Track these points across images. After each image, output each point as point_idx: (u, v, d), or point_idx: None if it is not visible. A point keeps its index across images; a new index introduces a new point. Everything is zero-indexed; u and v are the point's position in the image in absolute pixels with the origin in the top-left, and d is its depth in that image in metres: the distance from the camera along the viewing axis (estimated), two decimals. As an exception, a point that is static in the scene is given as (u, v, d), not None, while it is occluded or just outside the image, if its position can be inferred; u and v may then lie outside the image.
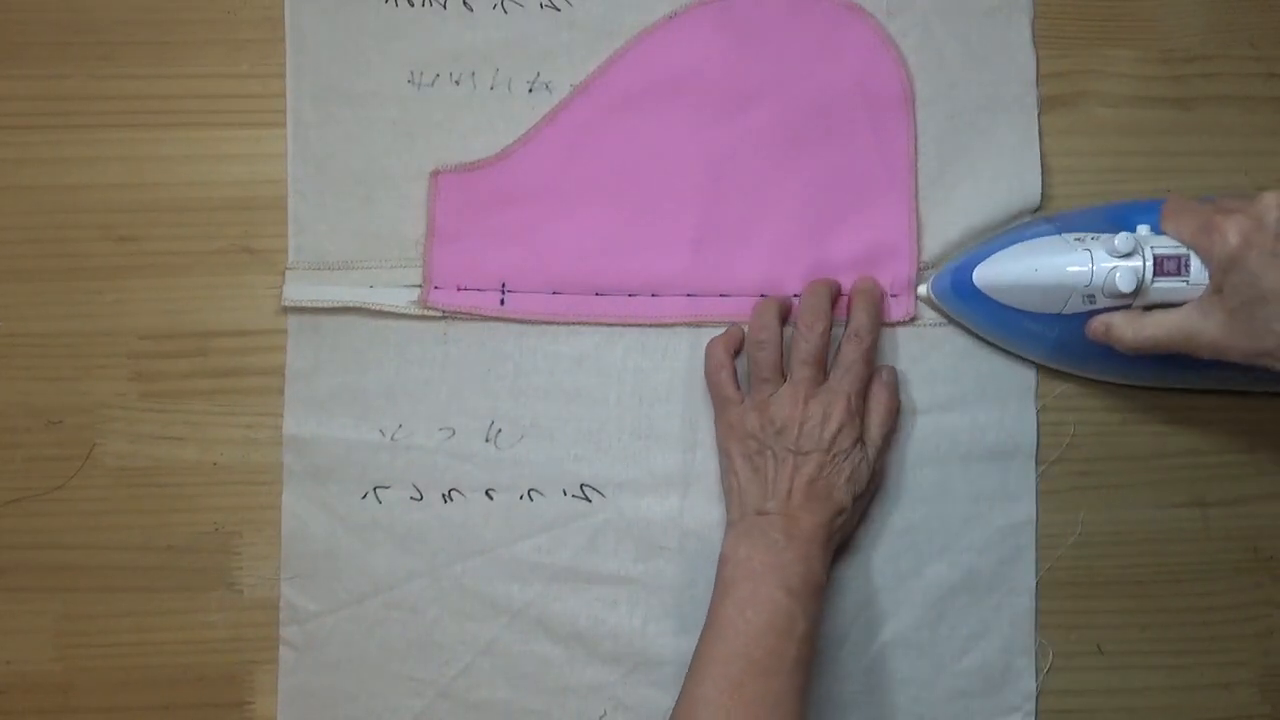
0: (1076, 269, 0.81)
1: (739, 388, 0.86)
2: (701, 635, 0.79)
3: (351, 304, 0.87)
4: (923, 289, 0.88)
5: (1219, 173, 0.90)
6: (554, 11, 0.88)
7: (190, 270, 0.87)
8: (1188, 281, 0.78)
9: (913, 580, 0.88)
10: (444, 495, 0.87)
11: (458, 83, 0.88)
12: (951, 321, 0.88)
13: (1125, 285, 0.79)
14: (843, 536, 0.86)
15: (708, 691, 0.76)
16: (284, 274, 0.87)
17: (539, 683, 0.87)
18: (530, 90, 0.88)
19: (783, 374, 0.85)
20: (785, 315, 0.87)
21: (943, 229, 0.88)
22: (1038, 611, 0.89)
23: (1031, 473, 0.89)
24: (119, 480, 0.87)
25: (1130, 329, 0.79)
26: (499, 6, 0.88)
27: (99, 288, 0.87)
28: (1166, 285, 0.79)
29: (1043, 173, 0.89)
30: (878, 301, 0.87)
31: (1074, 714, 0.90)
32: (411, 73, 0.88)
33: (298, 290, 0.87)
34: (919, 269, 0.88)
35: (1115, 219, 0.82)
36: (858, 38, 0.88)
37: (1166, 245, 0.79)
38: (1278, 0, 0.91)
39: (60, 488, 0.87)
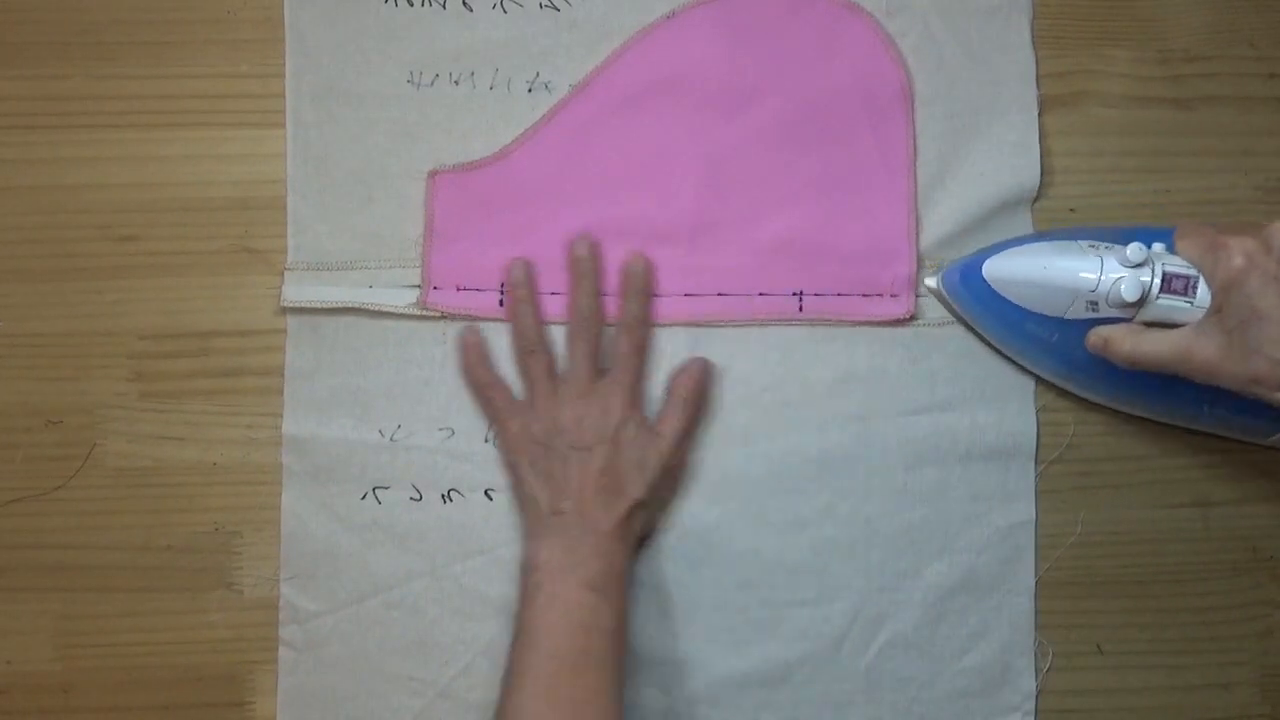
0: (1085, 273, 0.81)
1: (512, 397, 0.86)
2: (511, 645, 0.79)
3: (351, 304, 0.87)
4: (933, 281, 0.88)
5: (1218, 173, 0.90)
6: (553, 11, 0.88)
7: (190, 270, 0.87)
8: (1192, 303, 0.79)
9: (912, 580, 0.88)
10: (443, 495, 0.87)
11: (457, 83, 0.88)
12: (957, 319, 0.88)
13: (1130, 294, 0.79)
14: (646, 527, 0.86)
15: (522, 700, 0.76)
16: (284, 274, 0.87)
17: (538, 683, 0.87)
18: (529, 90, 0.88)
19: (555, 375, 0.86)
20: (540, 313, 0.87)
21: (941, 229, 0.88)
22: (1037, 612, 0.89)
23: (1031, 473, 0.89)
24: (119, 480, 0.87)
25: (1128, 342, 0.80)
26: (498, 6, 0.88)
27: (99, 288, 0.87)
28: (1170, 303, 0.79)
29: (1042, 173, 0.89)
30: (648, 289, 0.87)
31: (1074, 714, 0.90)
32: (411, 73, 0.88)
33: (297, 291, 0.87)
34: (918, 268, 0.88)
35: (1133, 239, 0.82)
36: (857, 37, 0.88)
37: (1177, 265, 0.79)
38: (1278, 0, 0.91)
39: (60, 488, 0.87)
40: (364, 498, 0.87)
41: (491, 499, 0.88)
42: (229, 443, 0.88)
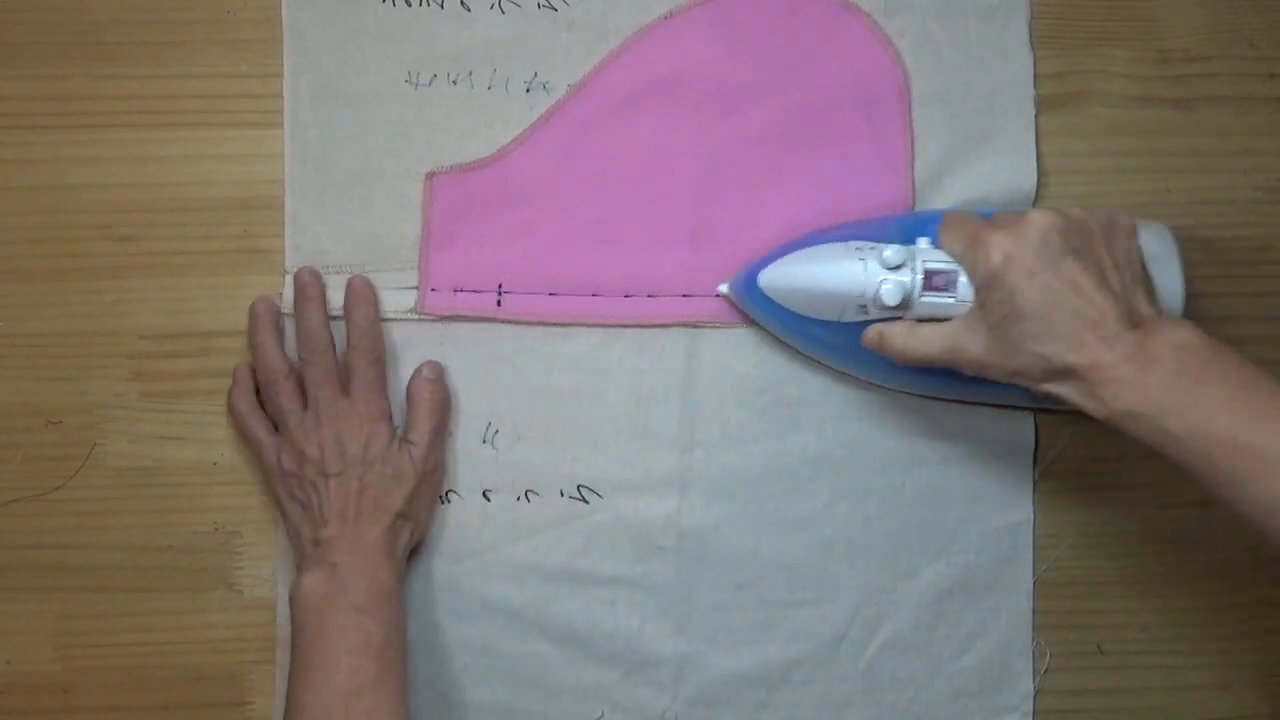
0: (851, 279, 0.80)
1: (269, 430, 0.85)
2: (288, 682, 0.79)
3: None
4: (724, 287, 0.87)
5: (1218, 173, 0.90)
6: (551, 11, 0.88)
7: (190, 270, 0.87)
8: (955, 298, 0.78)
9: (910, 581, 0.88)
10: (441, 497, 0.87)
11: (455, 83, 0.88)
12: (751, 323, 0.88)
13: (891, 299, 0.78)
14: (417, 535, 0.85)
15: None
16: (284, 276, 0.87)
17: (536, 683, 0.88)
18: (528, 90, 0.88)
19: (300, 402, 0.84)
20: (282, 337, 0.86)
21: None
22: (1036, 612, 0.89)
23: (1029, 473, 0.89)
24: (119, 480, 0.87)
25: (900, 341, 0.79)
26: (496, 6, 0.88)
27: (99, 288, 0.87)
28: (934, 300, 0.78)
29: (1041, 173, 0.89)
30: (370, 302, 0.86)
31: (1074, 714, 0.90)
32: (409, 73, 0.88)
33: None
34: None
35: (911, 229, 0.81)
36: (854, 37, 0.88)
37: (938, 260, 0.79)
38: (1277, 0, 0.90)
39: (60, 488, 0.87)
40: (361, 499, 0.87)
41: (489, 500, 0.88)
42: (229, 443, 0.88)
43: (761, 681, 0.88)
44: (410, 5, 0.88)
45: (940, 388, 0.86)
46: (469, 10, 0.88)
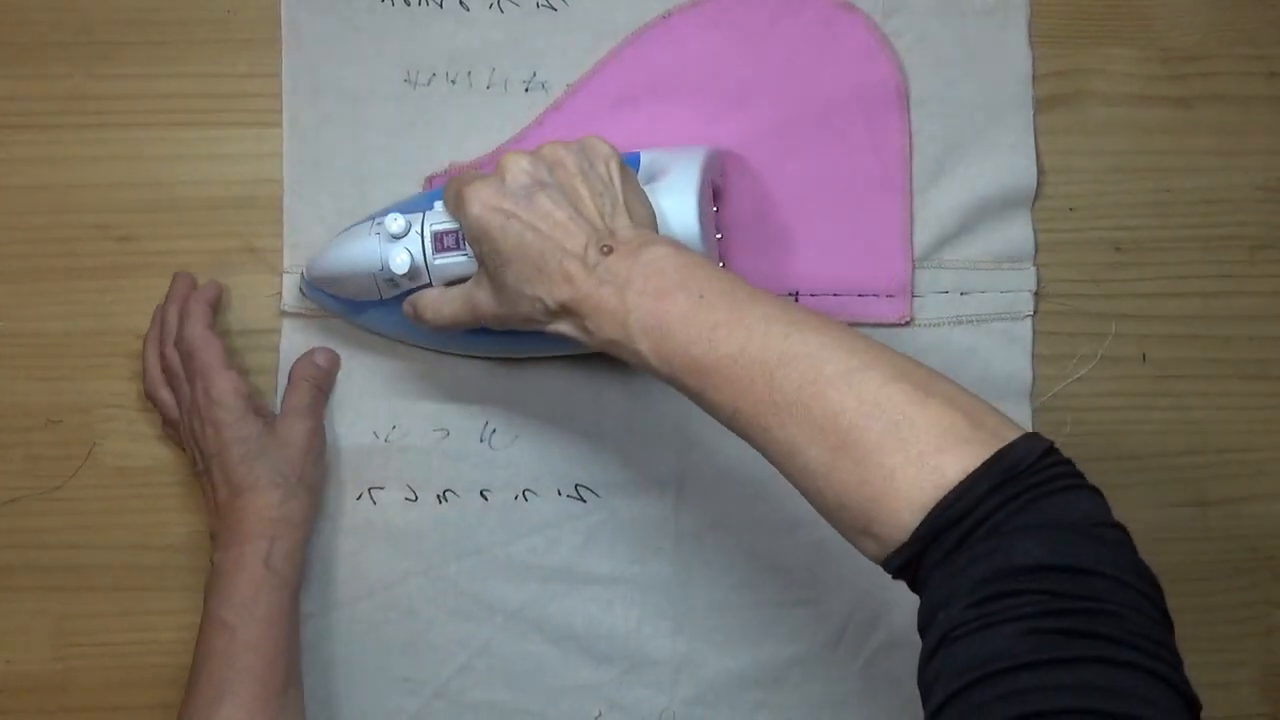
0: (367, 255, 0.79)
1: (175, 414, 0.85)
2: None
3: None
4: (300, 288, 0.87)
5: (1219, 172, 0.90)
6: (550, 11, 0.88)
7: (189, 270, 0.87)
8: (467, 255, 0.76)
9: (909, 581, 0.88)
10: (439, 496, 0.88)
11: (454, 82, 0.88)
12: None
13: (399, 267, 0.77)
14: (297, 502, 0.82)
15: None
16: (283, 277, 0.87)
17: (534, 683, 0.88)
18: (526, 90, 0.88)
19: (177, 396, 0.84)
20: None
21: (938, 229, 0.88)
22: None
23: (1027, 473, 0.89)
24: (119, 480, 0.88)
25: (430, 307, 0.78)
26: (495, 6, 0.88)
27: (99, 287, 0.88)
28: (447, 261, 0.77)
29: (1041, 172, 0.89)
30: (200, 316, 0.84)
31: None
32: (408, 72, 0.88)
33: (297, 295, 0.87)
34: (913, 268, 0.88)
35: (436, 197, 0.80)
36: (852, 37, 0.87)
37: (445, 221, 0.77)
38: (1278, 0, 0.90)
39: (60, 487, 0.87)
40: (359, 499, 0.87)
41: (487, 499, 0.88)
42: (228, 442, 0.88)
43: (759, 681, 0.88)
44: (409, 5, 0.88)
45: (502, 348, 0.85)
46: (468, 10, 0.88)
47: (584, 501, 0.88)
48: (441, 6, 0.88)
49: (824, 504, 0.64)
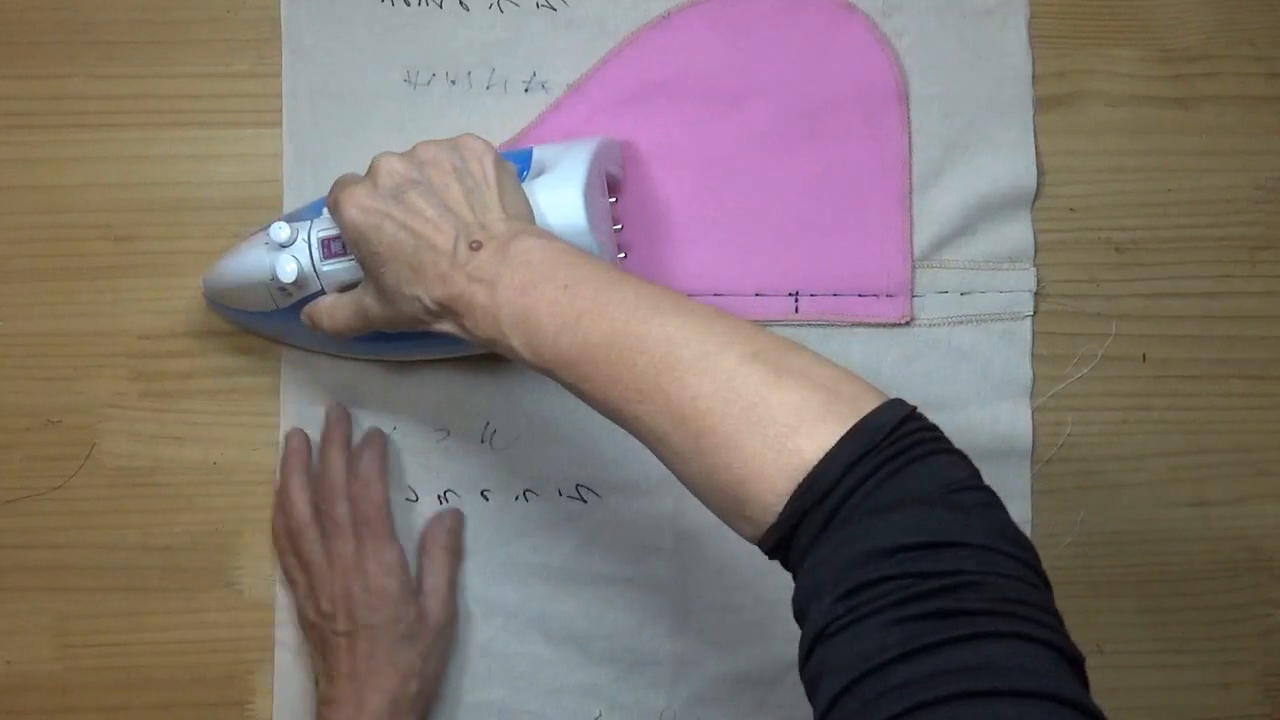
0: (255, 265, 0.78)
1: (312, 573, 0.84)
2: None
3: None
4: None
5: (1219, 172, 0.90)
6: (550, 11, 0.88)
7: (190, 270, 0.87)
8: (354, 260, 0.75)
9: (909, 581, 0.88)
10: (439, 496, 0.88)
11: (454, 82, 0.88)
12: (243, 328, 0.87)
13: (285, 275, 0.76)
14: (426, 694, 0.84)
15: None
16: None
17: (534, 683, 0.88)
18: (526, 90, 0.88)
19: (322, 549, 0.84)
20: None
21: (937, 229, 0.88)
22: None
23: (1027, 473, 0.89)
24: (119, 480, 0.88)
25: (324, 316, 0.77)
26: (495, 6, 0.87)
27: (98, 288, 0.87)
28: (335, 267, 0.76)
29: (1040, 173, 0.89)
30: (378, 452, 0.85)
31: (1073, 713, 0.90)
32: (407, 72, 0.88)
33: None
34: (913, 268, 0.88)
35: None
36: (853, 37, 0.87)
37: (331, 227, 0.76)
38: (1278, 0, 0.90)
39: (60, 487, 0.87)
40: (360, 499, 0.87)
41: (487, 499, 0.88)
42: (229, 443, 0.88)
43: (759, 681, 0.88)
44: (409, 5, 0.88)
45: (401, 350, 0.85)
46: (467, 10, 0.88)
47: (584, 502, 0.88)
48: (441, 7, 0.88)
49: (696, 489, 0.63)
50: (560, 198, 0.76)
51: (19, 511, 0.87)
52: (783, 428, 0.58)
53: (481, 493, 0.88)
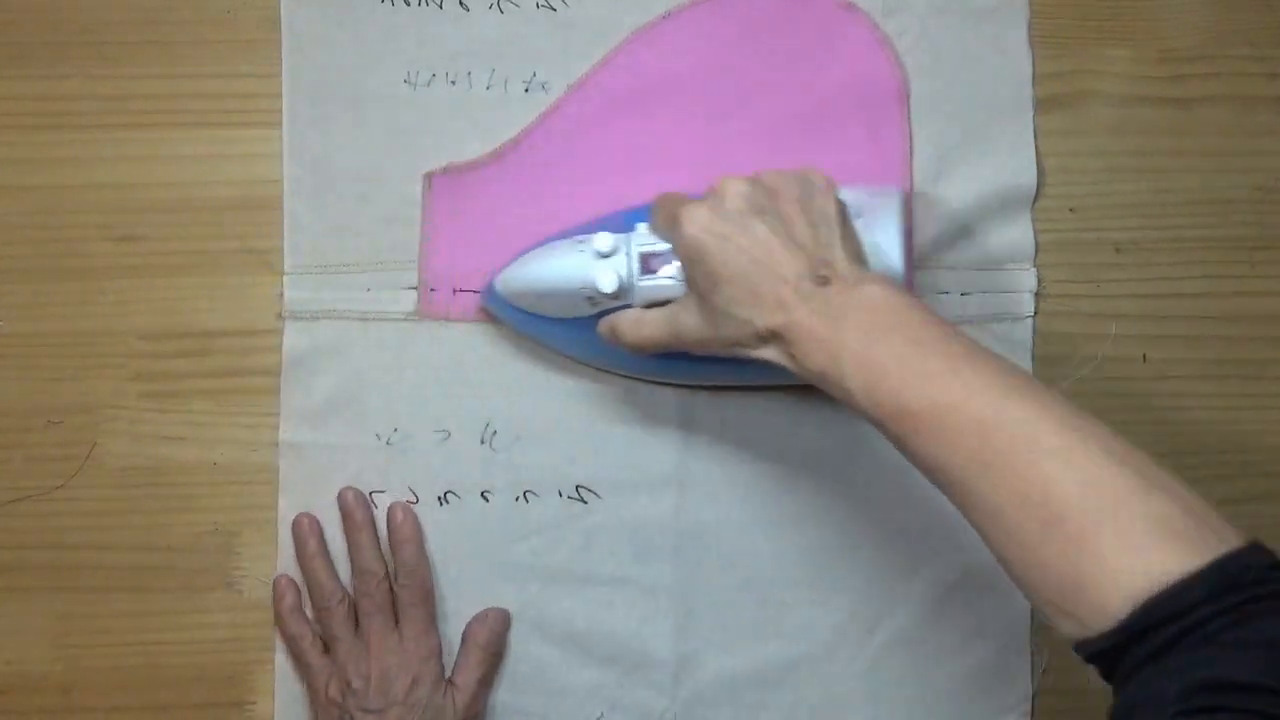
0: (572, 272, 0.79)
1: (323, 652, 0.85)
2: None
3: (350, 313, 0.87)
4: (483, 303, 0.86)
5: (1219, 173, 0.90)
6: (550, 11, 0.88)
7: (190, 270, 0.87)
8: (673, 279, 0.76)
9: (909, 580, 0.88)
10: (439, 498, 0.87)
11: (454, 83, 0.88)
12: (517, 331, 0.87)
13: (606, 286, 0.77)
14: None
15: None
16: (284, 278, 0.87)
17: (535, 684, 0.88)
18: (526, 90, 0.88)
19: (355, 625, 0.84)
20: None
21: (937, 229, 0.88)
22: (1035, 611, 0.89)
23: (1028, 473, 0.89)
24: (119, 480, 0.87)
25: (629, 329, 0.77)
26: (495, 6, 0.88)
27: (99, 288, 0.87)
28: (653, 283, 0.77)
29: (1041, 173, 0.89)
30: (416, 536, 0.86)
31: (1074, 714, 0.90)
32: (408, 73, 0.88)
33: (298, 297, 0.87)
34: (913, 269, 0.87)
35: (640, 218, 0.80)
36: (853, 37, 0.87)
37: (652, 243, 0.77)
38: (1278, 0, 0.90)
39: (61, 487, 0.87)
40: (360, 501, 0.88)
41: (488, 500, 0.88)
42: (229, 443, 0.88)
43: (761, 681, 0.88)
44: (409, 5, 0.88)
45: (695, 374, 0.85)
46: (468, 10, 0.88)
47: (584, 502, 0.88)
48: (441, 7, 0.88)
49: (1023, 574, 0.63)
50: (882, 243, 0.77)
51: (20, 512, 0.87)
52: (1146, 538, 0.58)
53: (482, 494, 0.88)
